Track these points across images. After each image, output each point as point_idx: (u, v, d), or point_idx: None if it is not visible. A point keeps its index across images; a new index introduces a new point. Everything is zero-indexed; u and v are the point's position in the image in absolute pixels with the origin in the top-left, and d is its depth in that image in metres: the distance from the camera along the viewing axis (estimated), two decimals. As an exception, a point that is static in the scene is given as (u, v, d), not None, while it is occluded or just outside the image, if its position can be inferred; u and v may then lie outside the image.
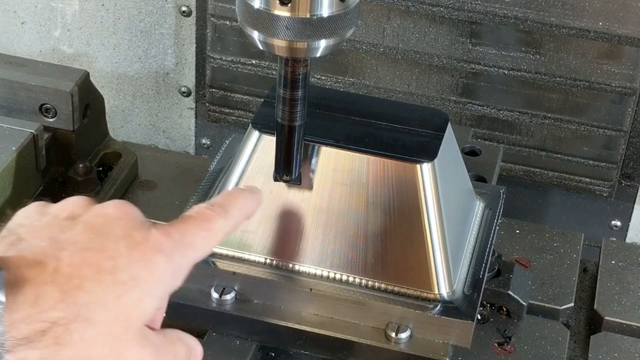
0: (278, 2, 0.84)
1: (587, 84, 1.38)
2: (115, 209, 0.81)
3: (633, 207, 1.46)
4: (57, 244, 0.76)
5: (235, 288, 1.00)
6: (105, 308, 0.75)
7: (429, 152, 0.98)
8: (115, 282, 0.76)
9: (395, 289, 0.99)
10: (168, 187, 1.30)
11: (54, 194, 1.23)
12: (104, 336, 0.75)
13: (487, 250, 1.05)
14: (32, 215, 0.81)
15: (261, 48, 0.88)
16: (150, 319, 0.79)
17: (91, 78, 1.26)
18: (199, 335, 1.04)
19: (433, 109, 1.09)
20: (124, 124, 1.61)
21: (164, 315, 0.84)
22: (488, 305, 1.12)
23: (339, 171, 0.98)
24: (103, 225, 0.79)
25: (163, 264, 0.79)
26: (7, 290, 0.71)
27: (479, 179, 1.22)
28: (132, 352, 0.77)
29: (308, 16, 0.84)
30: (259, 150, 0.99)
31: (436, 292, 0.98)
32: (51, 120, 1.23)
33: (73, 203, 0.82)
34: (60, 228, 0.78)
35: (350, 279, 0.99)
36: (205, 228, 0.83)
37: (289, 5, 0.84)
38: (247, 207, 0.88)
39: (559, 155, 1.45)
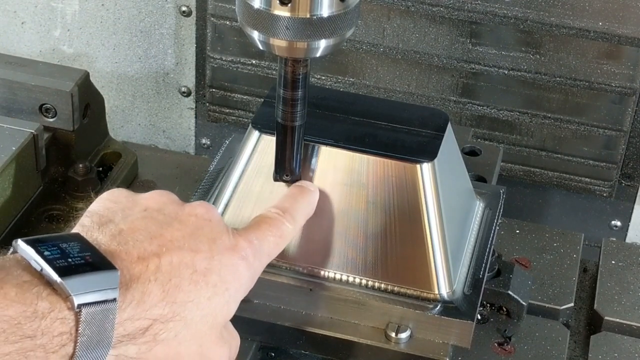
0: (278, 2, 0.84)
1: (587, 84, 1.38)
2: (203, 209, 0.84)
3: (633, 207, 1.46)
4: (156, 240, 0.78)
5: (235, 288, 1.00)
6: (198, 308, 0.78)
7: (429, 152, 0.98)
8: (207, 284, 0.79)
9: (395, 289, 0.99)
10: (168, 187, 1.28)
11: (54, 194, 1.24)
12: (193, 335, 0.79)
13: (487, 250, 1.05)
14: (121, 201, 0.83)
15: (261, 48, 0.88)
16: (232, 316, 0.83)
17: (91, 78, 1.26)
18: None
19: (433, 109, 1.09)
20: (124, 124, 1.61)
21: None
22: (488, 305, 1.12)
23: (339, 171, 0.98)
24: (195, 226, 0.82)
25: (245, 269, 0.83)
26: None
27: (479, 179, 1.22)
28: (214, 350, 0.81)
29: (308, 16, 0.84)
30: (259, 150, 0.99)
31: (436, 292, 0.98)
32: (51, 120, 1.23)
33: (161, 196, 0.85)
34: (157, 223, 0.80)
35: (350, 279, 0.99)
36: (277, 235, 0.88)
37: (289, 5, 0.84)
38: (309, 210, 0.95)
39: (559, 155, 1.45)
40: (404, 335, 0.97)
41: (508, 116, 1.43)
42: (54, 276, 0.70)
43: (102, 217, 0.81)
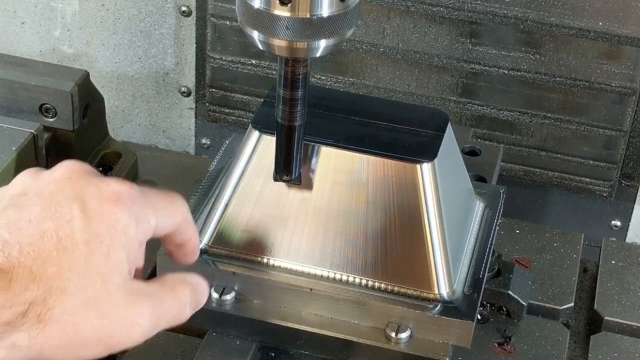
0: (278, 2, 0.84)
1: (587, 84, 1.38)
2: (62, 170, 0.79)
3: (633, 207, 1.46)
4: (15, 226, 0.74)
5: (235, 288, 1.00)
6: (77, 274, 0.74)
7: (429, 152, 0.98)
8: (77, 245, 0.74)
9: (395, 289, 0.99)
10: (168, 187, 1.29)
11: (54, 194, 1.24)
12: (85, 302, 0.74)
13: (487, 250, 1.05)
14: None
15: (261, 48, 0.88)
16: (129, 270, 0.77)
17: (91, 78, 1.26)
18: (199, 335, 1.04)
19: (433, 109, 1.09)
20: (124, 124, 1.61)
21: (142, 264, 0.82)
22: (488, 305, 1.12)
23: (339, 171, 0.98)
24: (53, 192, 0.77)
25: (121, 213, 0.77)
26: None
27: (479, 179, 1.22)
28: (122, 309, 0.76)
29: (308, 16, 0.84)
30: (259, 150, 0.99)
31: (436, 292, 0.98)
32: (51, 120, 1.23)
33: (21, 177, 0.80)
34: (15, 208, 0.76)
35: (350, 279, 0.99)
36: (167, 199, 0.83)
37: (289, 5, 0.84)
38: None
39: (559, 155, 1.45)
40: (404, 335, 0.97)
41: (508, 116, 1.43)
42: None
43: None
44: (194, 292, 0.83)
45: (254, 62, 1.49)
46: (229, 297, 1.00)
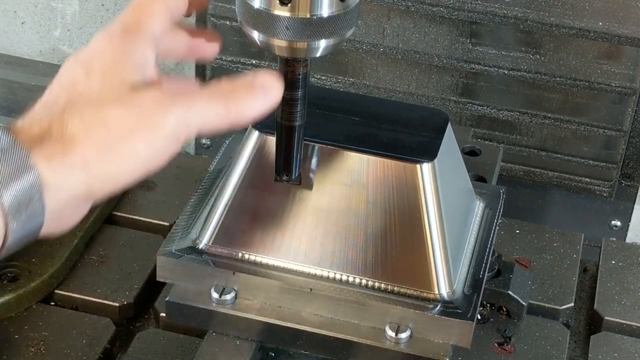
0: (278, 2, 0.84)
1: (587, 84, 1.38)
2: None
3: (633, 207, 1.46)
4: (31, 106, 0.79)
5: (235, 288, 1.00)
6: (86, 92, 0.77)
7: (429, 152, 0.97)
8: (80, 81, 0.79)
9: (395, 289, 0.99)
10: (168, 187, 1.30)
11: (54, 194, 1.23)
12: (101, 103, 0.77)
13: (487, 250, 1.05)
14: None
15: (261, 48, 0.88)
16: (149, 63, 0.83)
17: (91, 78, 1.26)
18: (199, 335, 1.04)
19: (433, 109, 1.09)
20: (124, 124, 1.60)
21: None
22: (488, 305, 1.12)
23: (339, 171, 0.98)
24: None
25: (105, 41, 0.82)
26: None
27: (479, 179, 1.22)
28: (144, 100, 0.79)
29: (308, 16, 0.84)
30: (259, 150, 0.99)
31: (436, 292, 0.98)
32: (51, 120, 1.22)
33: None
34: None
35: (350, 279, 0.99)
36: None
37: (289, 5, 0.84)
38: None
39: (559, 155, 1.45)
40: (404, 335, 0.97)
41: (508, 116, 1.44)
42: None
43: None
44: (246, 86, 0.85)
45: (254, 62, 1.49)
46: (229, 297, 1.00)
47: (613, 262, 1.22)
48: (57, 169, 0.73)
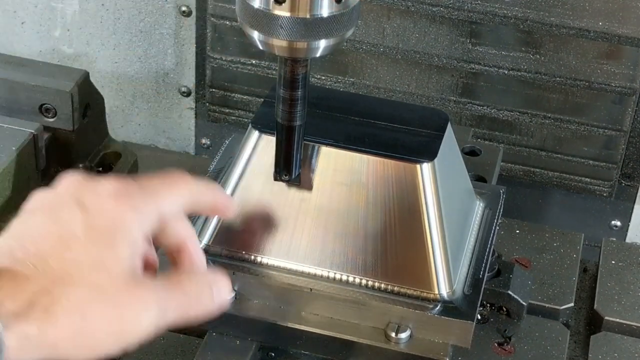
0: (274, 2, 0.84)
1: (587, 84, 1.38)
2: (62, 184, 0.81)
3: (633, 207, 1.46)
4: (20, 235, 0.77)
5: (235, 288, 1.00)
6: (80, 265, 0.75)
7: (429, 152, 0.98)
8: (79, 240, 0.76)
9: (395, 289, 0.99)
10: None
11: (54, 194, 1.23)
12: (92, 293, 0.75)
13: (487, 250, 1.05)
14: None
15: (261, 48, 0.88)
16: (136, 265, 0.78)
17: (91, 78, 1.26)
18: (199, 335, 1.04)
19: (433, 109, 1.09)
20: (124, 124, 1.61)
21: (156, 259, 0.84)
22: (488, 305, 1.12)
23: (339, 171, 0.98)
24: (53, 202, 0.79)
25: (121, 207, 0.79)
26: None
27: (479, 179, 1.22)
28: (128, 298, 0.77)
29: (308, 16, 0.84)
30: (259, 150, 0.99)
31: (436, 292, 0.98)
32: (51, 120, 1.23)
33: (31, 199, 0.82)
34: (22, 222, 0.79)
35: (350, 279, 0.99)
36: (168, 182, 0.84)
37: (287, 4, 0.84)
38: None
39: (559, 155, 1.45)
40: (404, 335, 0.97)
41: (508, 116, 1.44)
42: None
43: None
44: (206, 286, 0.83)
45: (254, 62, 1.49)
46: (229, 297, 1.00)
47: (613, 262, 1.22)
48: (25, 346, 0.72)
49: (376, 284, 0.99)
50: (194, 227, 0.89)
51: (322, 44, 0.87)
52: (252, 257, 1.01)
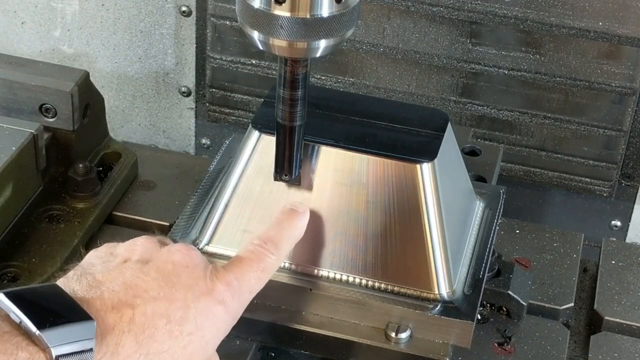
0: (274, 2, 0.84)
1: (587, 84, 1.38)
2: (181, 255, 0.86)
3: (633, 207, 1.46)
4: (131, 290, 0.81)
5: (235, 288, 1.00)
6: (173, 357, 0.81)
7: (429, 152, 0.98)
8: (182, 333, 0.81)
9: (395, 289, 0.99)
10: (168, 187, 1.30)
11: (54, 194, 1.24)
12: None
13: (487, 250, 1.05)
14: (103, 256, 0.86)
15: (261, 48, 0.88)
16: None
17: (91, 78, 1.26)
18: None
19: (433, 109, 1.09)
20: (124, 124, 1.61)
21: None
22: (488, 305, 1.12)
23: (339, 171, 0.98)
24: (171, 273, 0.84)
25: (223, 314, 0.85)
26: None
27: (479, 179, 1.22)
28: None
29: (308, 16, 0.84)
30: (259, 150, 0.99)
31: (436, 292, 0.98)
32: (51, 120, 1.23)
33: (142, 245, 0.87)
34: (133, 272, 0.82)
35: (350, 279, 0.99)
36: (259, 269, 0.89)
37: (287, 4, 0.84)
38: (296, 235, 0.95)
39: (559, 155, 1.45)
40: (404, 335, 0.97)
41: (508, 116, 1.44)
42: (32, 328, 0.73)
43: (83, 269, 0.83)
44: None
45: (254, 62, 1.49)
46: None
47: (613, 262, 1.22)
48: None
49: (376, 284, 0.99)
50: None
51: (322, 44, 0.87)
52: (252, 257, 1.01)
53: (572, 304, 1.15)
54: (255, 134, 1.00)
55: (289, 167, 0.97)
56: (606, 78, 1.37)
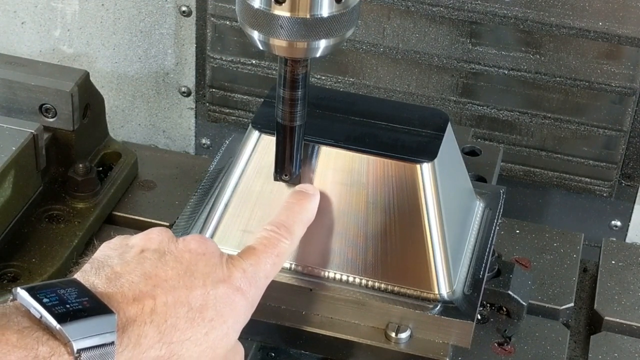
0: (275, 2, 0.84)
1: (587, 84, 1.38)
2: (197, 243, 0.86)
3: (633, 207, 1.46)
4: (151, 280, 0.81)
5: (235, 288, 1.00)
6: (196, 344, 0.81)
7: (429, 152, 0.98)
8: (204, 320, 0.82)
9: (395, 289, 0.99)
10: (168, 187, 1.30)
11: (54, 194, 1.24)
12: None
13: (487, 250, 1.05)
14: (118, 246, 0.86)
15: (261, 48, 0.88)
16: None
17: (91, 78, 1.26)
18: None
19: (433, 109, 1.09)
20: (124, 124, 1.61)
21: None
22: (488, 305, 1.12)
23: (339, 171, 0.98)
24: (189, 262, 0.84)
25: (242, 300, 0.85)
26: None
27: (479, 179, 1.22)
28: None
29: (308, 16, 0.84)
30: (259, 150, 0.99)
31: (436, 292, 0.98)
32: (51, 120, 1.23)
33: (158, 235, 0.87)
34: (151, 263, 0.83)
35: (350, 279, 0.99)
36: (274, 254, 0.90)
37: (287, 4, 0.84)
38: (308, 218, 0.95)
39: (559, 155, 1.45)
40: (404, 335, 0.97)
41: (508, 116, 1.44)
42: (53, 322, 0.73)
43: (100, 262, 0.83)
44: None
45: (254, 62, 1.49)
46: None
47: (613, 262, 1.22)
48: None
49: (376, 284, 0.99)
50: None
51: (322, 44, 0.87)
52: (252, 257, 1.01)
53: (572, 304, 1.15)
54: (255, 134, 1.00)
55: (289, 167, 0.97)
56: (606, 78, 1.37)
